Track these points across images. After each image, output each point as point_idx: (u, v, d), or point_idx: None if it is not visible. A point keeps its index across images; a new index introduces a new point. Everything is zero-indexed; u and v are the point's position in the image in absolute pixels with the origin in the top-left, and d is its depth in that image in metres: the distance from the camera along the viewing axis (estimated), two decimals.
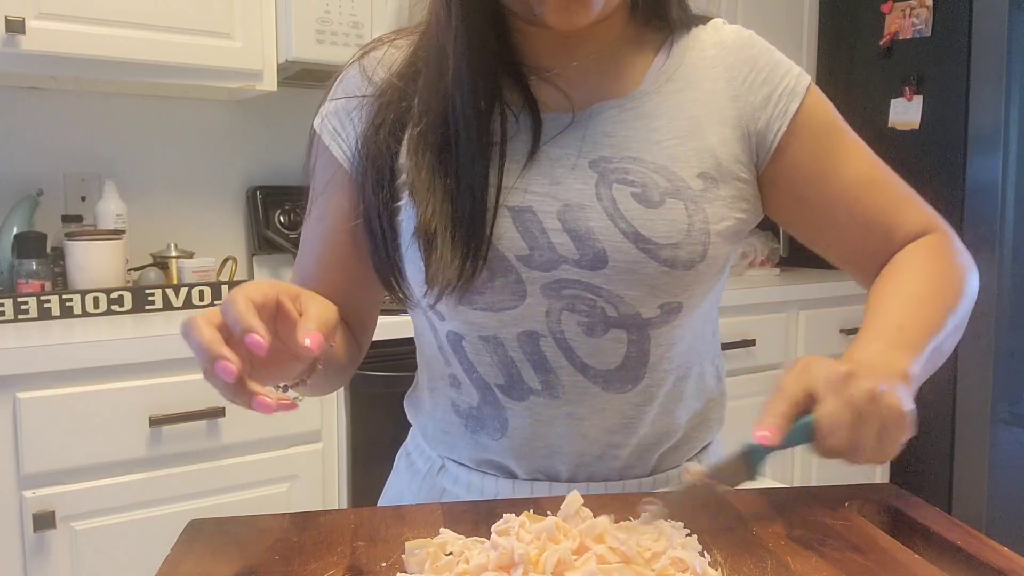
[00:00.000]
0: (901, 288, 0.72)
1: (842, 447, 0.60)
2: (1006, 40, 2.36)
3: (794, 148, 0.75)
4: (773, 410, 0.61)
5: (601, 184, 0.70)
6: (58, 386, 1.35)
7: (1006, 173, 2.41)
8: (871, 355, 0.65)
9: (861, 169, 0.77)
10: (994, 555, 0.58)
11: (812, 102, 0.76)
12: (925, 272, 0.74)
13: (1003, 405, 2.51)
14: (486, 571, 0.52)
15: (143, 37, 1.63)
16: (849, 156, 0.77)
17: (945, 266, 0.75)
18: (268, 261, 2.10)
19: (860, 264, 0.80)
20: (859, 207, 0.76)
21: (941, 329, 0.71)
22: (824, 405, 0.59)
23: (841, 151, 0.77)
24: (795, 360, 0.63)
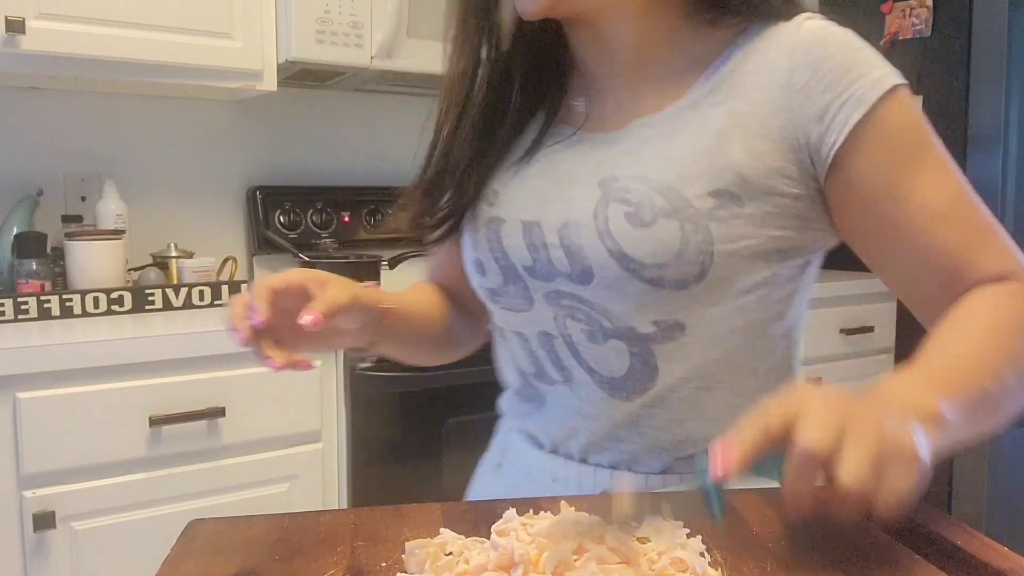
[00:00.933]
0: (958, 326, 0.64)
1: (813, 484, 0.48)
2: (1006, 40, 2.36)
3: (856, 164, 0.67)
4: (739, 438, 0.50)
5: (601, 203, 0.71)
6: (58, 386, 1.35)
7: (1006, 173, 2.41)
8: (895, 385, 0.57)
9: (937, 196, 0.67)
10: (994, 555, 0.58)
11: (889, 112, 0.67)
12: (992, 315, 0.64)
13: None
14: (486, 571, 0.52)
15: (143, 37, 1.63)
16: (926, 179, 0.67)
17: (1020, 313, 0.65)
18: (268, 261, 2.10)
19: (923, 305, 0.71)
20: (926, 239, 0.67)
21: (997, 378, 0.61)
22: (805, 429, 0.47)
23: (916, 172, 0.67)
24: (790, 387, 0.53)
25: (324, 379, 1.60)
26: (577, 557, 0.53)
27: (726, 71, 0.71)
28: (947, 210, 0.67)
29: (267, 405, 1.53)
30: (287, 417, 1.55)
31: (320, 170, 2.21)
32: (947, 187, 0.68)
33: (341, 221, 2.14)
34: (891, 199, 0.67)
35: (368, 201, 2.20)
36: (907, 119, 0.68)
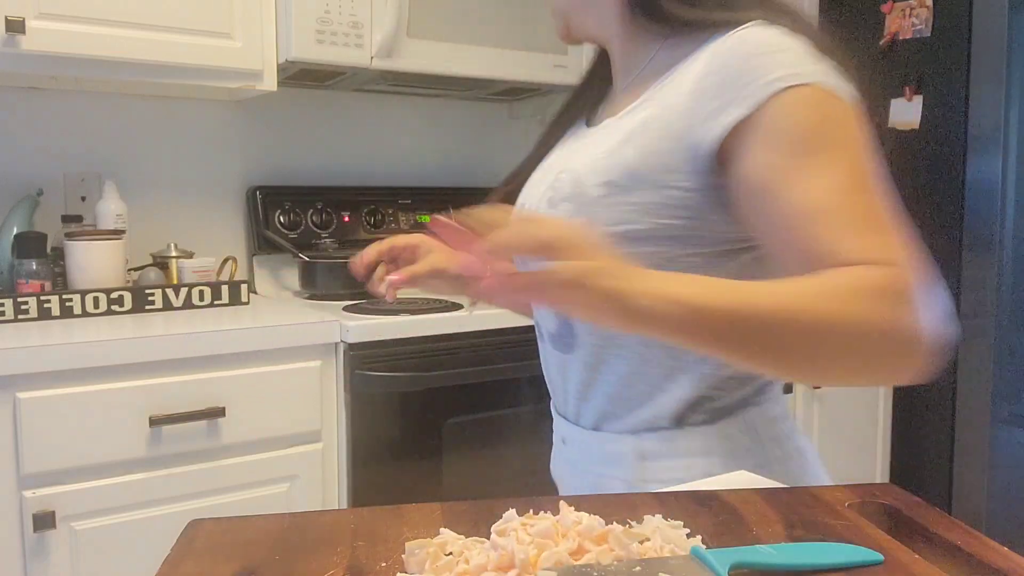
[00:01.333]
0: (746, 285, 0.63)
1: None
2: (1006, 40, 2.36)
3: (741, 160, 0.71)
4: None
5: (547, 188, 0.86)
6: (58, 386, 1.35)
7: (1006, 173, 2.42)
8: (608, 260, 0.61)
9: (816, 194, 0.67)
10: (994, 555, 0.58)
11: (776, 111, 0.69)
12: (792, 285, 0.63)
13: (1003, 405, 2.51)
14: (486, 571, 0.52)
15: (143, 37, 1.63)
16: (809, 176, 0.67)
17: (831, 291, 0.61)
18: (268, 261, 2.10)
19: None
20: (796, 235, 0.67)
21: (744, 315, 0.61)
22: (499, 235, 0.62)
23: (799, 169, 0.68)
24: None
25: (324, 379, 1.60)
26: (577, 558, 0.53)
27: (667, 80, 0.78)
28: (823, 208, 0.66)
29: (267, 405, 1.53)
30: (287, 417, 1.56)
31: (320, 170, 2.21)
32: (830, 185, 0.67)
33: (341, 221, 2.14)
34: (770, 194, 0.69)
35: (368, 201, 2.20)
36: (797, 118, 0.69)
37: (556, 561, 0.52)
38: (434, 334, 1.69)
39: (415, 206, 2.26)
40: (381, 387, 1.64)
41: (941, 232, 2.51)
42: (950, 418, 2.53)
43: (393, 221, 2.22)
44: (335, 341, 1.61)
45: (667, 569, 0.52)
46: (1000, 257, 2.42)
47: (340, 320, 1.62)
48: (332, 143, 2.23)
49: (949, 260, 2.50)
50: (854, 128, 0.71)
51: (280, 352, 1.55)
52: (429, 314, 1.71)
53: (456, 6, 1.90)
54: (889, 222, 0.69)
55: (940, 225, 2.51)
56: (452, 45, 1.90)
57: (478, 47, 1.94)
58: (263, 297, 2.01)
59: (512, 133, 2.51)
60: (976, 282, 2.45)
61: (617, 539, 0.54)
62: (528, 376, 1.81)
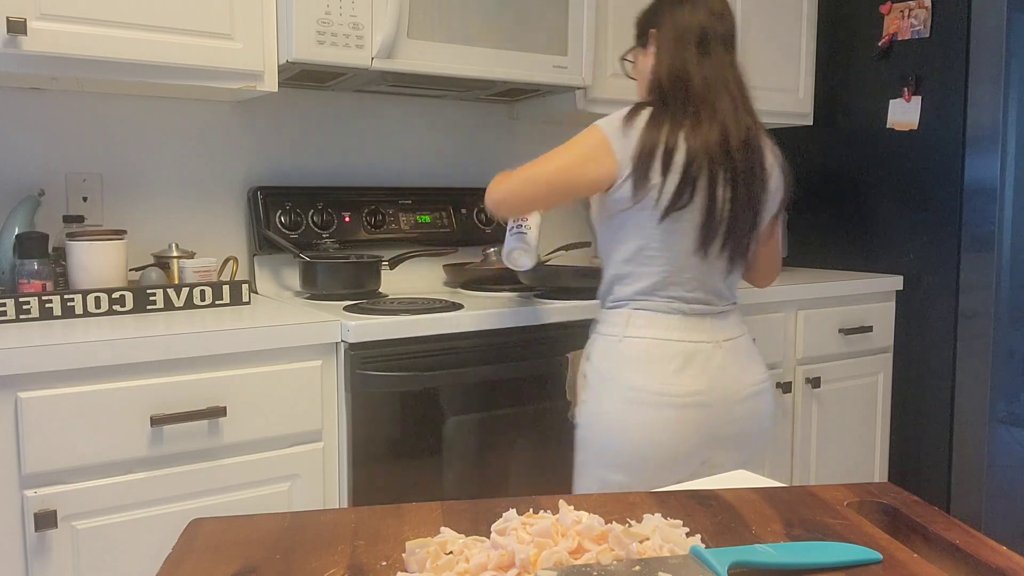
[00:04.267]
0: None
1: None
2: (1004, 41, 2.36)
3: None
4: None
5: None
6: (60, 386, 1.35)
7: (1004, 174, 2.42)
8: None
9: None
10: (992, 554, 0.58)
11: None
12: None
13: (1001, 405, 2.52)
14: (486, 570, 0.53)
15: (144, 38, 1.63)
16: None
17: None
18: (269, 261, 2.11)
19: None
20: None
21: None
22: None
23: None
24: None
25: (325, 379, 1.61)
26: (576, 557, 0.54)
27: None
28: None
29: (268, 405, 1.53)
30: (288, 417, 1.56)
31: (321, 170, 2.22)
32: (548, 154, 1.55)
33: (342, 221, 2.14)
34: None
35: (369, 201, 2.20)
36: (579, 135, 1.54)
37: (556, 560, 0.52)
38: (434, 334, 1.70)
39: (416, 206, 2.27)
40: (381, 387, 1.65)
41: (939, 232, 2.51)
42: (948, 418, 2.54)
43: (394, 221, 2.22)
44: (336, 341, 1.62)
45: (667, 568, 0.52)
46: (998, 257, 2.42)
47: (341, 320, 1.62)
48: (333, 144, 2.23)
49: (947, 260, 2.51)
50: (571, 144, 1.53)
51: (281, 352, 1.55)
52: (429, 314, 1.72)
53: (456, 7, 1.90)
54: (514, 179, 1.56)
55: (938, 225, 2.51)
56: (452, 46, 1.91)
57: (478, 48, 1.94)
58: (264, 297, 2.01)
59: (512, 133, 2.52)
60: (974, 282, 2.46)
61: (617, 538, 0.55)
62: (528, 376, 1.81)
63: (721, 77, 1.49)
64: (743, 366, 1.54)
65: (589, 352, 1.58)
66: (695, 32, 1.50)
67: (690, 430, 1.48)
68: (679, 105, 1.47)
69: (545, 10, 2.02)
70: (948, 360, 2.52)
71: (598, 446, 1.53)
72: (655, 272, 1.50)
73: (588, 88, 2.17)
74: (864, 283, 2.48)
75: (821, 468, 2.43)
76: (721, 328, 1.54)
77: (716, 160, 1.44)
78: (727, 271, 1.54)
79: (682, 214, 1.46)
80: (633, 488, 1.50)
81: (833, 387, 2.42)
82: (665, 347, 1.49)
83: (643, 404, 1.47)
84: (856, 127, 2.68)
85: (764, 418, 1.57)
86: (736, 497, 0.68)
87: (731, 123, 1.47)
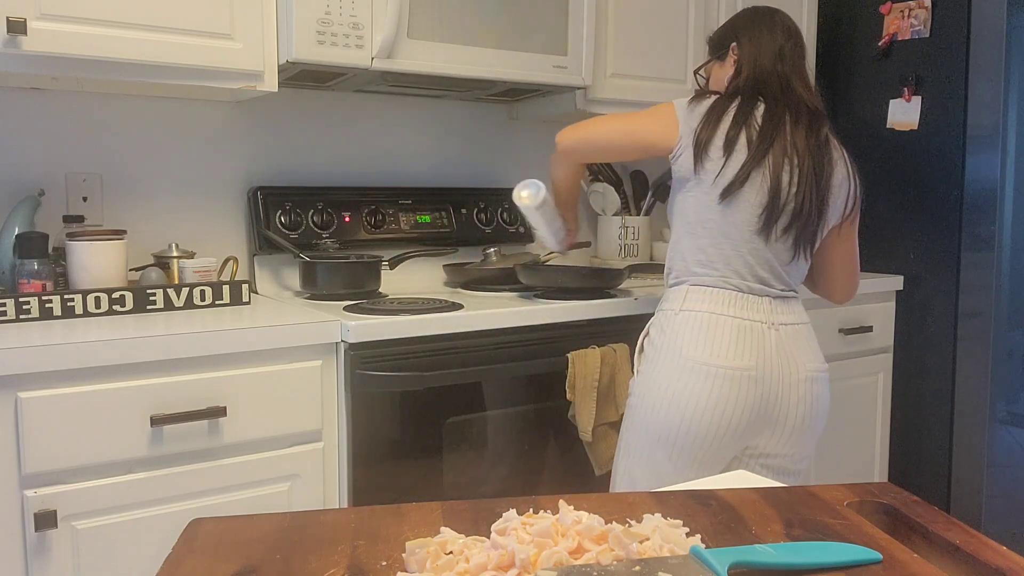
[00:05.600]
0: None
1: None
2: (1004, 41, 2.36)
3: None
4: None
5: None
6: (60, 386, 1.35)
7: (1004, 173, 2.42)
8: None
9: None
10: (992, 554, 0.58)
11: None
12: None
13: (1001, 405, 2.52)
14: (486, 570, 0.53)
15: (144, 38, 1.63)
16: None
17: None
18: (269, 261, 2.11)
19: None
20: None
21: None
22: None
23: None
24: None
25: (325, 379, 1.61)
26: (576, 557, 0.54)
27: None
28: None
29: (268, 405, 1.53)
30: (288, 417, 1.56)
31: (321, 170, 2.22)
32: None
33: (342, 221, 2.14)
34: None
35: (369, 201, 2.20)
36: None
37: (556, 561, 0.52)
38: (434, 334, 1.70)
39: (415, 206, 2.27)
40: (381, 387, 1.65)
41: (940, 232, 2.51)
42: (948, 418, 2.54)
43: (394, 221, 2.22)
44: (336, 341, 1.62)
45: (666, 568, 0.52)
46: (998, 257, 2.42)
47: (341, 320, 1.62)
48: (333, 144, 2.23)
49: (947, 260, 2.51)
50: (642, 113, 1.69)
51: (281, 352, 1.55)
52: (429, 314, 1.72)
53: (456, 7, 1.90)
54: (588, 127, 1.72)
55: (939, 225, 2.51)
56: (452, 46, 1.91)
57: (478, 48, 1.94)
58: (264, 297, 2.01)
59: (512, 134, 2.52)
60: (974, 282, 2.46)
61: (617, 538, 0.55)
62: (528, 376, 1.81)
63: (794, 79, 1.61)
64: (801, 350, 1.58)
65: (649, 327, 1.68)
66: (775, 48, 1.62)
67: (739, 405, 1.52)
68: (748, 97, 1.59)
69: (545, 10, 2.02)
70: (948, 360, 2.51)
71: (645, 413, 1.57)
72: (713, 249, 1.57)
73: (588, 88, 2.17)
74: (865, 283, 2.48)
75: (821, 468, 2.43)
76: (779, 311, 1.58)
77: (782, 147, 1.53)
78: (791, 258, 1.59)
79: (744, 194, 1.53)
80: (673, 473, 1.55)
81: (833, 387, 2.41)
82: (719, 321, 1.54)
83: (693, 373, 1.51)
84: (856, 127, 2.68)
85: (819, 407, 1.60)
86: (736, 497, 0.68)
87: (801, 117, 1.57)
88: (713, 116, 1.57)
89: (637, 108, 2.32)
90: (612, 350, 1.85)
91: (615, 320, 1.92)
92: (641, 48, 2.30)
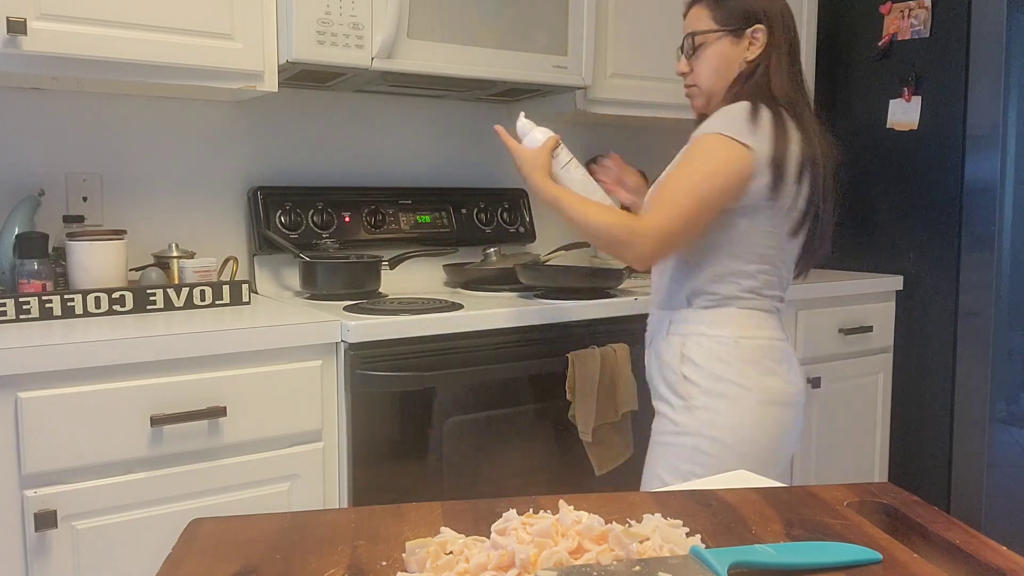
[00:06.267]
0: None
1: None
2: (1004, 41, 2.36)
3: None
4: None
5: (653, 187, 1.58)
6: (60, 386, 1.35)
7: (1004, 173, 2.42)
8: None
9: (669, 178, 1.46)
10: (992, 554, 0.58)
11: (689, 147, 1.46)
12: (606, 213, 1.47)
13: (1001, 404, 2.52)
14: (486, 570, 0.53)
15: (144, 38, 1.63)
16: (674, 171, 1.46)
17: (611, 221, 1.44)
18: (269, 261, 2.11)
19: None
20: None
21: (570, 208, 1.49)
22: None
23: (676, 167, 1.46)
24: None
25: (324, 379, 1.61)
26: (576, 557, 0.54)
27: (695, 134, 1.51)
28: (663, 185, 1.45)
29: (268, 405, 1.53)
30: (288, 417, 1.56)
31: (321, 171, 2.22)
32: (664, 181, 1.46)
33: (342, 221, 2.14)
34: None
35: (369, 201, 2.20)
36: (695, 149, 1.44)
37: (556, 561, 0.52)
38: (434, 334, 1.70)
39: (415, 206, 2.27)
40: (381, 387, 1.65)
41: (939, 232, 2.51)
42: (948, 417, 2.53)
43: (394, 221, 2.22)
44: (336, 341, 1.62)
45: (666, 568, 0.52)
46: (998, 257, 2.42)
47: (341, 320, 1.62)
48: (333, 144, 2.23)
49: (947, 260, 2.50)
50: (707, 160, 1.41)
51: (281, 352, 1.55)
52: (429, 314, 1.72)
53: (456, 7, 1.90)
54: (663, 208, 1.40)
55: (938, 225, 2.51)
56: (452, 46, 1.91)
57: (478, 48, 1.94)
58: (264, 297, 2.01)
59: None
60: (974, 282, 2.46)
61: (617, 539, 0.55)
62: (528, 376, 1.81)
63: (806, 89, 1.52)
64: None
65: (687, 353, 1.48)
66: (795, 43, 1.51)
67: (799, 428, 1.53)
68: (790, 113, 1.46)
69: (545, 10, 2.02)
70: (948, 360, 2.51)
71: (733, 453, 1.43)
72: (767, 273, 1.49)
73: (588, 88, 2.17)
74: (864, 283, 2.48)
75: (821, 468, 2.42)
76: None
77: (820, 171, 1.47)
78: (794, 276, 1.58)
79: (805, 226, 1.48)
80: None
81: (833, 387, 2.42)
82: (778, 347, 1.50)
83: (777, 405, 1.46)
84: (856, 127, 2.68)
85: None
86: (736, 497, 0.68)
87: (821, 137, 1.49)
88: (783, 138, 1.41)
89: (637, 108, 2.33)
90: (612, 350, 1.84)
91: (615, 320, 1.92)
92: (641, 48, 2.30)
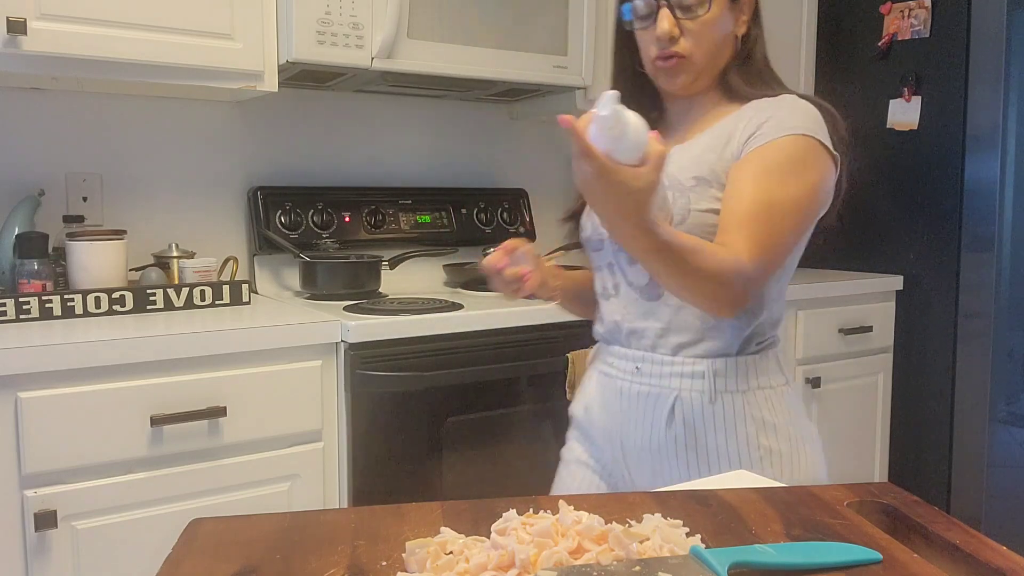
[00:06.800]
0: (692, 241, 1.01)
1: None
2: (1004, 41, 2.36)
3: (741, 162, 1.11)
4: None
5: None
6: (60, 386, 1.35)
7: (1004, 173, 2.42)
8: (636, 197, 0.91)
9: (750, 194, 1.06)
10: (992, 554, 0.58)
11: (771, 145, 1.08)
12: (703, 252, 1.01)
13: (1001, 404, 2.52)
14: (486, 570, 0.53)
15: (144, 38, 1.63)
16: (756, 184, 1.07)
17: (709, 259, 1.01)
18: (269, 261, 2.11)
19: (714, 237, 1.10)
20: (727, 212, 1.08)
21: (674, 255, 0.97)
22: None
23: (755, 179, 1.07)
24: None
25: (324, 379, 1.61)
26: (576, 557, 0.54)
27: (724, 122, 1.16)
28: (745, 202, 1.06)
29: (268, 405, 1.53)
30: (288, 417, 1.56)
31: (321, 171, 2.22)
32: (758, 194, 1.05)
33: (342, 221, 2.14)
34: (734, 184, 1.09)
35: (369, 201, 2.20)
36: (775, 152, 1.08)
37: (556, 561, 0.52)
38: (434, 334, 1.70)
39: (415, 206, 2.27)
40: (381, 387, 1.65)
41: (939, 232, 2.51)
42: (948, 418, 2.53)
43: (394, 221, 2.22)
44: (336, 341, 1.62)
45: (667, 568, 0.52)
46: (998, 257, 2.42)
47: (341, 320, 1.62)
48: (333, 144, 2.23)
49: (947, 260, 2.50)
50: (810, 171, 1.09)
51: (281, 352, 1.55)
52: (429, 314, 1.72)
53: (456, 7, 1.90)
54: (766, 233, 1.05)
55: (938, 225, 2.51)
56: (452, 46, 1.91)
57: (478, 48, 1.94)
58: (264, 297, 2.01)
59: (512, 134, 2.52)
60: (974, 282, 2.46)
61: (617, 538, 0.55)
62: (528, 376, 1.81)
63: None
64: None
65: (761, 417, 1.15)
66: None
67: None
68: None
69: (545, 10, 2.02)
70: (948, 360, 2.51)
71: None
72: (784, 298, 1.26)
73: (588, 88, 2.17)
74: (864, 283, 2.48)
75: None
76: None
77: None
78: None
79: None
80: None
81: (833, 387, 2.42)
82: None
83: (818, 442, 1.24)
84: (856, 127, 2.68)
85: None
86: (736, 497, 0.68)
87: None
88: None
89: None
90: None
91: None
92: None
